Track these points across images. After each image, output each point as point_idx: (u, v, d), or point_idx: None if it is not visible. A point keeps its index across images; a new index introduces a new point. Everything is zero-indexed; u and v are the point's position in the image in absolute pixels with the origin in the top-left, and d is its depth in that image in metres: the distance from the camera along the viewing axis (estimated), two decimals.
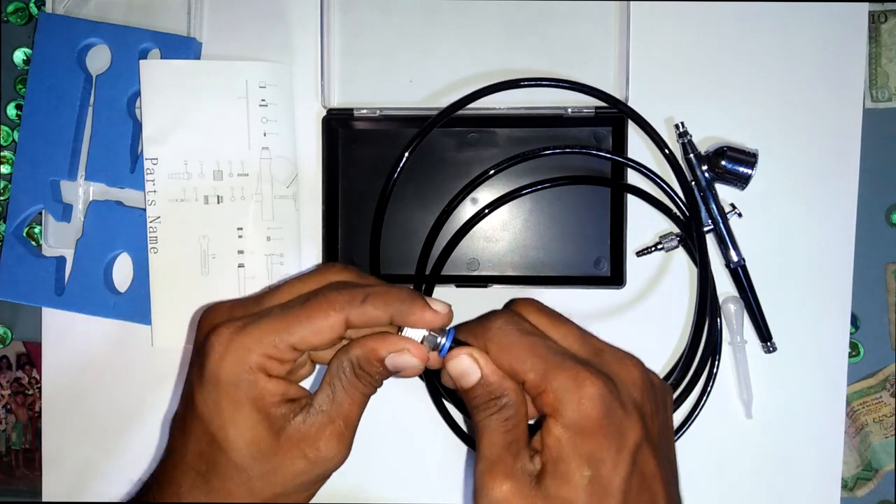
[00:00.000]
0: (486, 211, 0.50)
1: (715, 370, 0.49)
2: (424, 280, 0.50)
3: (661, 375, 0.50)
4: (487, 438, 0.35)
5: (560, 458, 0.33)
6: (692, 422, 0.50)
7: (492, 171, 0.49)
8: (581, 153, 0.49)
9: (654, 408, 0.35)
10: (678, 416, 0.50)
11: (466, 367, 0.35)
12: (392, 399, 0.51)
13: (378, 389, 0.37)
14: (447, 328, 0.36)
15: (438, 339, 0.36)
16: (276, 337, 0.35)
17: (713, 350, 0.49)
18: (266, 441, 0.35)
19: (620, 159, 0.49)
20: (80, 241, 0.52)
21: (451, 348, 0.36)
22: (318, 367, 0.41)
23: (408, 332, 0.36)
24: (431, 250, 0.50)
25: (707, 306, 0.48)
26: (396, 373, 0.36)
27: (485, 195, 0.51)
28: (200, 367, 0.35)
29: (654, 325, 0.51)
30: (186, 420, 0.36)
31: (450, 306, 0.36)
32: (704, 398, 0.50)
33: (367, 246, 0.52)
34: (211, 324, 0.36)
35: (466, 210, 0.51)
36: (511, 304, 0.38)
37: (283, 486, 0.35)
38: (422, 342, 0.36)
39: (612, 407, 0.33)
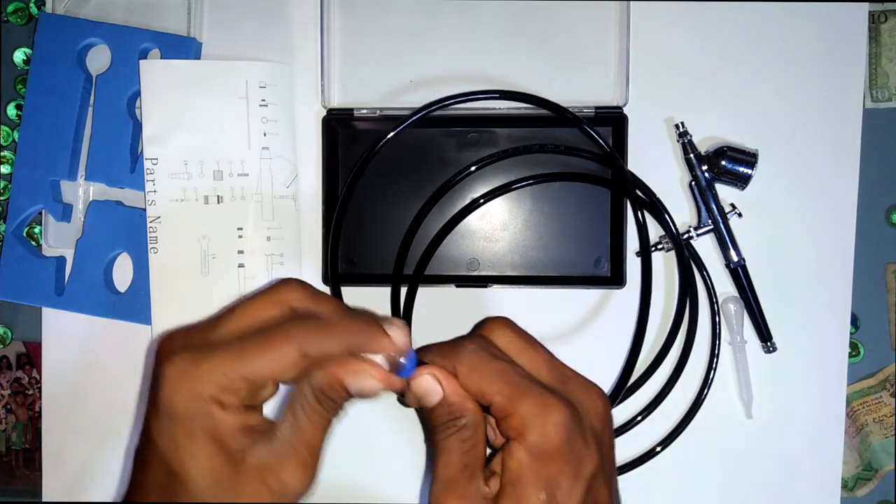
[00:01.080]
0: (482, 201, 0.50)
1: (712, 375, 0.50)
2: (409, 280, 0.50)
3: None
4: (444, 459, 0.35)
5: (519, 480, 0.34)
6: (690, 422, 0.50)
7: (473, 168, 0.50)
8: (551, 152, 0.50)
9: (610, 439, 0.37)
10: (677, 415, 0.50)
11: (429, 386, 0.36)
12: (392, 398, 0.51)
13: (343, 415, 0.36)
14: (409, 350, 0.36)
15: (400, 360, 0.36)
16: (230, 369, 0.34)
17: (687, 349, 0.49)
18: (226, 473, 0.34)
19: (587, 155, 0.49)
20: (80, 241, 0.52)
21: (413, 369, 0.36)
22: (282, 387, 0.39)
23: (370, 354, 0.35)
24: (410, 248, 0.50)
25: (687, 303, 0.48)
26: (360, 396, 0.36)
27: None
28: (155, 398, 0.35)
29: (654, 325, 0.51)
30: (146, 453, 0.36)
31: (408, 331, 0.36)
32: (701, 399, 0.50)
33: (367, 246, 0.52)
34: (166, 352, 0.36)
35: (470, 214, 0.51)
36: (484, 323, 0.39)
37: None
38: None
39: (573, 435, 0.34)
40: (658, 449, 0.50)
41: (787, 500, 0.50)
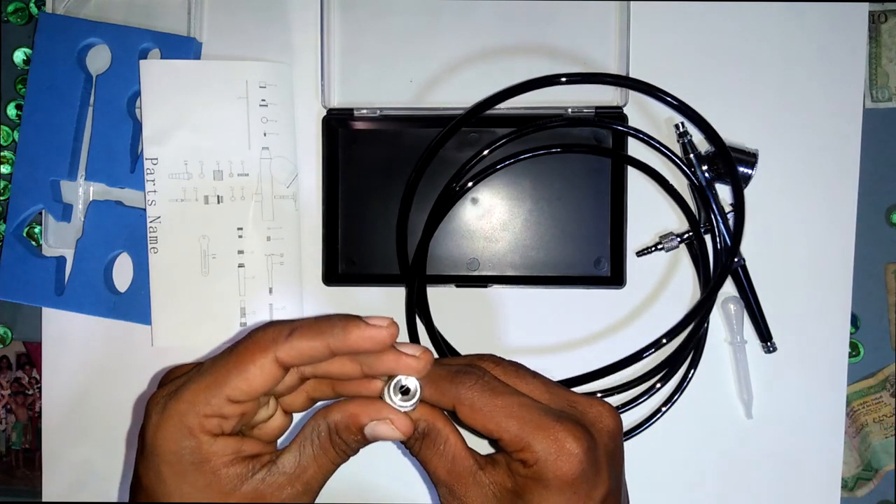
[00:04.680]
0: (471, 185, 0.49)
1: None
2: (407, 277, 0.50)
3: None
4: (430, 469, 0.35)
5: (528, 501, 0.33)
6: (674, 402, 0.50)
7: (485, 152, 0.49)
8: (557, 125, 0.49)
9: (622, 455, 0.36)
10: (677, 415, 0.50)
11: (386, 432, 0.34)
12: None
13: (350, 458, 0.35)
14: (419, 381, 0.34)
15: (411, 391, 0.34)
16: (209, 394, 0.32)
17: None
18: (213, 499, 0.32)
19: (619, 127, 0.49)
20: (80, 241, 0.52)
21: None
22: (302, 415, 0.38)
23: (388, 397, 0.33)
24: (407, 246, 0.50)
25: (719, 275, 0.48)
26: (373, 441, 0.34)
27: (486, 195, 0.51)
28: (141, 437, 0.34)
29: (654, 325, 0.51)
30: (135, 492, 0.35)
31: (391, 320, 0.33)
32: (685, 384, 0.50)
33: (366, 246, 0.52)
34: (158, 390, 0.34)
35: (468, 211, 0.51)
36: (471, 361, 0.37)
37: None
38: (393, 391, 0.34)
39: (588, 465, 0.33)
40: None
41: (787, 500, 0.50)
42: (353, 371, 0.34)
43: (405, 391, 0.34)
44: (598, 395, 0.50)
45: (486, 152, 0.49)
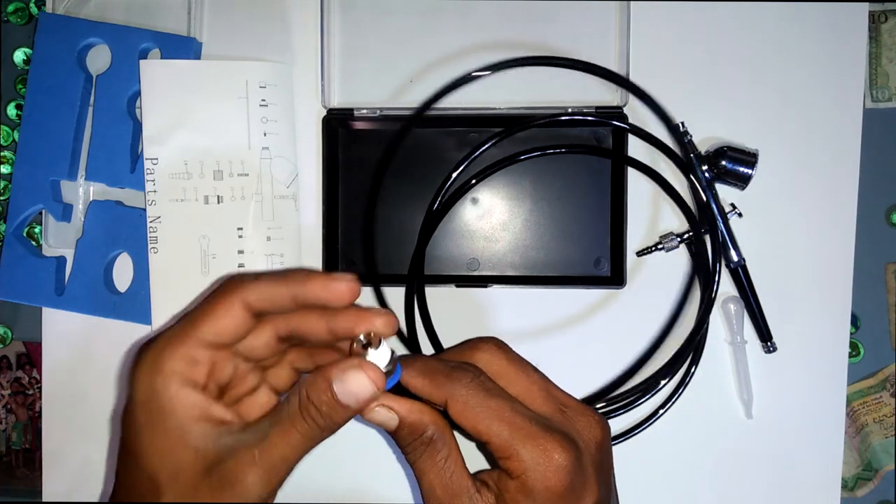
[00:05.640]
0: (473, 182, 0.49)
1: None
2: (407, 277, 0.50)
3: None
4: (426, 482, 0.34)
5: None
6: (674, 402, 0.50)
7: (477, 152, 0.49)
8: (555, 125, 0.49)
9: (610, 464, 0.36)
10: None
11: (384, 417, 0.34)
12: None
13: (325, 437, 0.33)
14: (396, 365, 0.34)
15: (385, 371, 0.33)
16: (181, 337, 0.34)
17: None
18: (181, 457, 0.32)
19: (618, 125, 0.49)
20: (80, 241, 0.52)
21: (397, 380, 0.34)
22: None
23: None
24: (415, 248, 0.50)
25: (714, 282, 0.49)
26: (349, 408, 0.33)
27: (486, 195, 0.51)
28: (127, 391, 0.35)
29: (654, 325, 0.51)
30: (120, 454, 0.35)
31: (356, 278, 0.34)
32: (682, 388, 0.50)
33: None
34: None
35: (468, 211, 0.51)
36: (474, 344, 0.37)
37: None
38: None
39: (575, 476, 0.33)
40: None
41: (787, 500, 0.50)
42: (320, 328, 0.34)
43: (368, 344, 0.33)
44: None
45: (478, 152, 0.49)
